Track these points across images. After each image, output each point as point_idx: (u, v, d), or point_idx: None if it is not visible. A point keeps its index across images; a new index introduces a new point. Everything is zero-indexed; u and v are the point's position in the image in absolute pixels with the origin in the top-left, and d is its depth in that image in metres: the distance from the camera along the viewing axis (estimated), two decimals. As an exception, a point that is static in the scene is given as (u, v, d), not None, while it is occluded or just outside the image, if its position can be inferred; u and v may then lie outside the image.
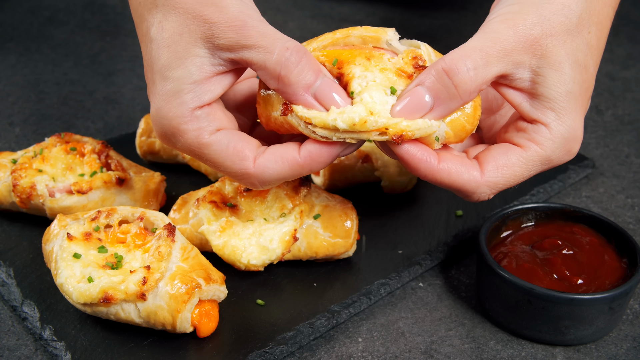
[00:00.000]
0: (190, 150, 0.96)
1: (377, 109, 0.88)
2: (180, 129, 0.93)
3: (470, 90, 0.90)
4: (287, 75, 0.89)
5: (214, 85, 0.93)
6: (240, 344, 1.03)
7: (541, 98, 0.93)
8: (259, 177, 0.94)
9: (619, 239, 1.11)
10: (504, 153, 0.95)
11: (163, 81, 0.93)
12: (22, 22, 2.12)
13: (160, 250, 1.03)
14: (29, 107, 1.69)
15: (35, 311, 1.08)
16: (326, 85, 0.90)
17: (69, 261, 1.03)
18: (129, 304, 1.01)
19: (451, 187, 0.95)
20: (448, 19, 2.12)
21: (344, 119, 0.88)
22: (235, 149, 0.94)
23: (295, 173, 0.94)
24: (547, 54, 0.92)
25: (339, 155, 0.94)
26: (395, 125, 0.89)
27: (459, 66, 0.88)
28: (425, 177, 0.94)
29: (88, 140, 1.30)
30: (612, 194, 1.40)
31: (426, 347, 1.06)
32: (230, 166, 0.94)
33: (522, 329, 1.06)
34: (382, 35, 0.94)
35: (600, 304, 1.00)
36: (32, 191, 1.20)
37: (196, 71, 0.91)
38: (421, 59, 0.92)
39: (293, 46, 0.89)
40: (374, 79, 0.91)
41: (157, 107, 0.94)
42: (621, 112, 1.70)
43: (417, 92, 0.90)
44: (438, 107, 0.90)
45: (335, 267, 1.18)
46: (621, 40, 2.04)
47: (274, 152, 0.94)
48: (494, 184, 0.94)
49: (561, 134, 0.94)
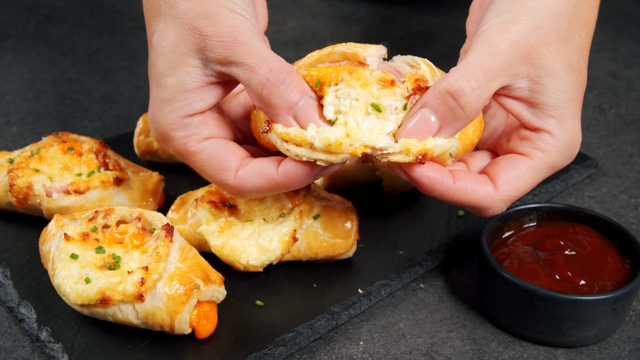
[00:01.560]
0: (179, 155, 1.00)
1: (354, 133, 0.89)
2: (170, 135, 0.98)
3: (476, 109, 0.90)
4: (268, 97, 0.90)
5: (206, 95, 0.97)
6: (239, 346, 1.03)
7: (541, 106, 0.95)
8: (238, 189, 0.98)
9: (622, 240, 1.11)
10: (512, 165, 0.96)
11: (157, 88, 0.97)
12: (19, 20, 2.12)
13: (159, 251, 1.02)
14: (25, 106, 1.69)
15: (32, 312, 1.08)
16: (307, 108, 0.91)
17: (66, 262, 1.02)
18: (126, 305, 1.00)
19: (467, 204, 0.96)
20: (449, 17, 2.12)
21: (321, 138, 0.88)
22: (219, 159, 0.97)
23: (273, 189, 0.96)
24: (544, 62, 0.93)
25: (315, 175, 0.94)
26: (413, 145, 0.88)
27: (463, 87, 0.88)
28: (442, 197, 0.94)
29: (85, 139, 1.30)
30: (615, 194, 1.40)
31: (427, 349, 1.05)
32: (212, 175, 0.98)
33: (524, 331, 1.06)
34: (362, 51, 0.94)
35: (603, 305, 1.00)
36: (29, 191, 1.20)
37: (189, 80, 0.95)
38: (422, 80, 0.92)
39: (277, 68, 0.90)
40: (357, 97, 0.91)
41: (151, 112, 0.99)
42: (624, 112, 1.70)
43: (423, 115, 0.90)
44: (445, 128, 0.90)
45: (335, 267, 1.18)
46: (624, 39, 2.04)
47: (254, 166, 0.96)
48: (507, 197, 0.96)
49: (564, 140, 0.96)
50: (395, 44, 2.00)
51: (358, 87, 0.91)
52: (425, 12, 2.14)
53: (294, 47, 1.99)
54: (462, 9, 1.16)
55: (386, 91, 0.91)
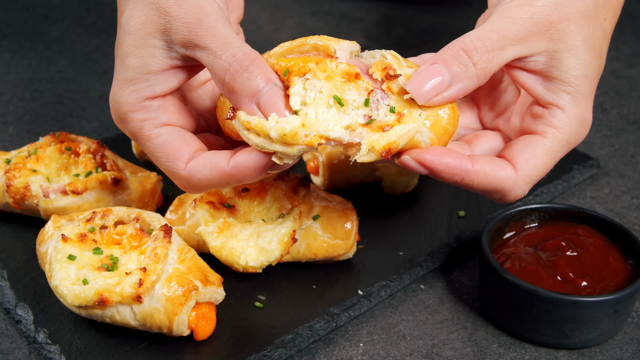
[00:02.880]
0: (134, 138, 0.98)
1: (310, 123, 0.88)
2: (128, 117, 0.96)
3: (487, 70, 0.91)
4: (231, 82, 0.89)
5: (169, 78, 0.95)
6: (238, 347, 1.03)
7: (556, 81, 0.94)
8: (188, 180, 0.96)
9: (624, 240, 1.11)
10: (528, 145, 0.95)
11: (121, 67, 0.96)
12: (16, 20, 2.12)
13: (157, 252, 1.02)
14: (23, 106, 1.69)
15: (29, 314, 1.08)
16: (271, 96, 0.89)
17: (64, 263, 1.02)
18: (124, 307, 1.00)
19: (487, 188, 0.94)
20: (450, 15, 2.11)
21: (276, 128, 0.87)
22: (172, 147, 0.95)
23: (223, 182, 0.94)
24: (564, 38, 0.93)
25: (266, 171, 0.93)
26: (376, 142, 0.87)
27: (477, 46, 0.90)
28: (462, 181, 0.93)
29: (83, 139, 1.30)
30: (617, 195, 1.39)
31: (427, 351, 1.05)
32: (164, 163, 0.96)
33: (525, 332, 1.05)
34: (333, 44, 0.93)
35: (605, 307, 1.00)
36: (26, 192, 1.19)
37: (152, 62, 0.93)
38: (391, 68, 0.91)
39: (241, 54, 0.89)
40: (321, 89, 0.90)
41: (113, 91, 0.97)
42: (627, 111, 1.69)
43: (434, 68, 0.90)
44: (455, 84, 0.90)
45: (335, 268, 1.18)
46: (627, 37, 2.03)
47: (205, 158, 0.94)
48: (528, 177, 0.95)
49: (576, 116, 0.95)
50: (395, 43, 1.99)
51: (323, 79, 0.90)
52: (426, 11, 2.14)
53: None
54: (463, 8, 1.16)
55: (351, 85, 0.90)
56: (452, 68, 0.90)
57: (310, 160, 1.35)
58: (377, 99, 0.91)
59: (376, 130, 0.89)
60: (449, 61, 0.90)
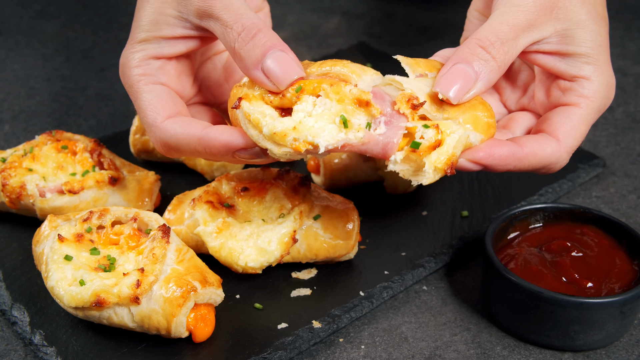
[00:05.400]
0: (129, 90, 1.02)
1: (302, 128, 0.89)
2: (130, 70, 1.01)
3: (506, 61, 0.96)
4: (239, 50, 0.94)
5: (179, 44, 1.02)
6: (238, 350, 1.02)
7: (574, 56, 1.00)
8: (162, 134, 0.99)
9: (630, 241, 1.10)
10: (566, 116, 1.01)
11: (136, 29, 1.02)
12: (12, 16, 2.11)
13: (155, 252, 1.02)
14: (18, 103, 1.69)
15: (25, 315, 1.07)
16: (276, 60, 0.92)
17: (60, 263, 1.02)
18: (122, 308, 1.00)
19: (536, 167, 1.00)
20: (453, 12, 2.10)
21: (269, 125, 0.90)
22: (159, 101, 1.00)
23: (192, 146, 0.96)
24: (570, 15, 0.98)
25: (234, 151, 0.94)
26: (438, 161, 0.90)
27: (492, 40, 0.95)
28: (514, 169, 0.98)
29: (80, 138, 1.29)
30: (624, 194, 1.38)
31: (430, 353, 1.04)
32: (147, 115, 1.00)
33: (529, 334, 1.05)
34: (356, 78, 0.94)
35: (611, 308, 0.99)
36: (21, 191, 1.19)
37: (166, 29, 1.00)
38: (414, 98, 0.93)
39: (250, 23, 0.94)
40: (330, 108, 0.92)
41: (125, 49, 1.04)
42: (633, 109, 1.69)
43: (458, 69, 0.94)
44: (481, 79, 0.95)
45: (336, 269, 1.18)
46: (633, 34, 2.02)
47: (185, 119, 0.99)
48: (571, 147, 1.01)
49: (603, 83, 1.01)
50: (397, 40, 1.98)
51: (335, 100, 0.92)
52: (427, 8, 2.13)
53: (294, 43, 1.97)
54: (465, 5, 1.15)
55: (361, 110, 0.92)
56: (474, 65, 0.94)
57: (311, 159, 1.35)
58: (379, 122, 0.92)
59: (425, 151, 0.91)
60: (470, 59, 0.94)
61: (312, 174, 1.36)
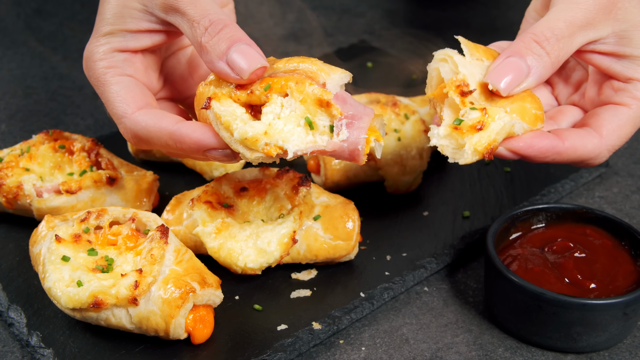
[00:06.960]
0: (96, 84, 1.02)
1: (273, 133, 0.90)
2: (95, 64, 1.01)
3: (560, 58, 0.96)
4: (205, 44, 0.94)
5: (144, 38, 1.02)
6: (237, 351, 1.02)
7: (631, 58, 1.00)
8: (132, 126, 0.98)
9: (633, 241, 1.09)
10: (614, 115, 1.01)
11: (100, 22, 1.02)
12: (8, 14, 2.10)
13: (153, 253, 1.01)
14: (15, 103, 1.68)
15: (22, 316, 1.07)
16: (240, 52, 0.93)
17: (57, 264, 1.02)
18: (120, 309, 1.00)
19: (575, 161, 1.01)
20: (455, 10, 2.10)
21: (240, 130, 0.90)
22: (128, 92, 0.99)
23: (163, 140, 0.96)
24: (629, 16, 0.98)
25: (206, 150, 0.95)
26: (479, 143, 0.92)
27: (548, 36, 0.94)
28: (553, 162, 0.99)
29: (77, 137, 1.29)
30: (627, 194, 1.38)
31: (431, 355, 1.04)
32: (116, 106, 0.99)
33: (531, 336, 1.05)
34: (324, 77, 0.94)
35: (614, 310, 0.99)
36: (18, 191, 1.19)
37: (130, 22, 1.00)
38: (465, 85, 0.94)
39: (217, 19, 0.95)
40: (295, 109, 0.92)
41: (88, 43, 1.03)
42: (634, 108, 1.68)
43: (511, 61, 0.94)
44: (533, 74, 0.95)
45: (336, 270, 1.17)
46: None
47: (156, 112, 0.98)
48: (612, 146, 1.02)
49: None
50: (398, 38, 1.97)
51: (298, 100, 0.92)
52: (429, 6, 2.13)
53: (294, 42, 1.97)
54: (468, 3, 1.15)
55: (322, 110, 0.92)
56: (528, 59, 0.94)
57: (310, 158, 1.34)
58: (340, 124, 0.93)
59: (468, 130, 0.92)
60: (524, 53, 0.94)
61: (312, 174, 1.35)
